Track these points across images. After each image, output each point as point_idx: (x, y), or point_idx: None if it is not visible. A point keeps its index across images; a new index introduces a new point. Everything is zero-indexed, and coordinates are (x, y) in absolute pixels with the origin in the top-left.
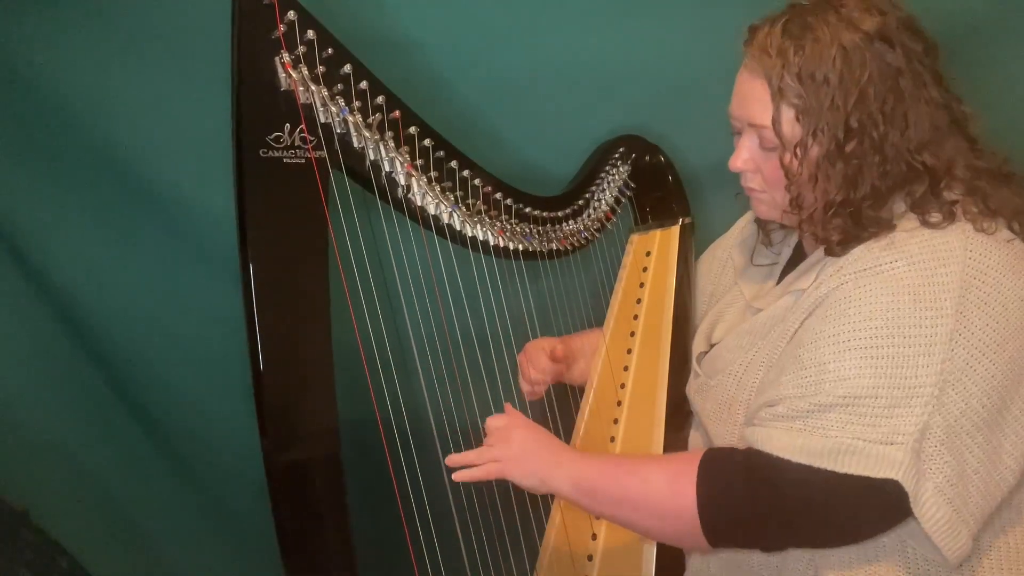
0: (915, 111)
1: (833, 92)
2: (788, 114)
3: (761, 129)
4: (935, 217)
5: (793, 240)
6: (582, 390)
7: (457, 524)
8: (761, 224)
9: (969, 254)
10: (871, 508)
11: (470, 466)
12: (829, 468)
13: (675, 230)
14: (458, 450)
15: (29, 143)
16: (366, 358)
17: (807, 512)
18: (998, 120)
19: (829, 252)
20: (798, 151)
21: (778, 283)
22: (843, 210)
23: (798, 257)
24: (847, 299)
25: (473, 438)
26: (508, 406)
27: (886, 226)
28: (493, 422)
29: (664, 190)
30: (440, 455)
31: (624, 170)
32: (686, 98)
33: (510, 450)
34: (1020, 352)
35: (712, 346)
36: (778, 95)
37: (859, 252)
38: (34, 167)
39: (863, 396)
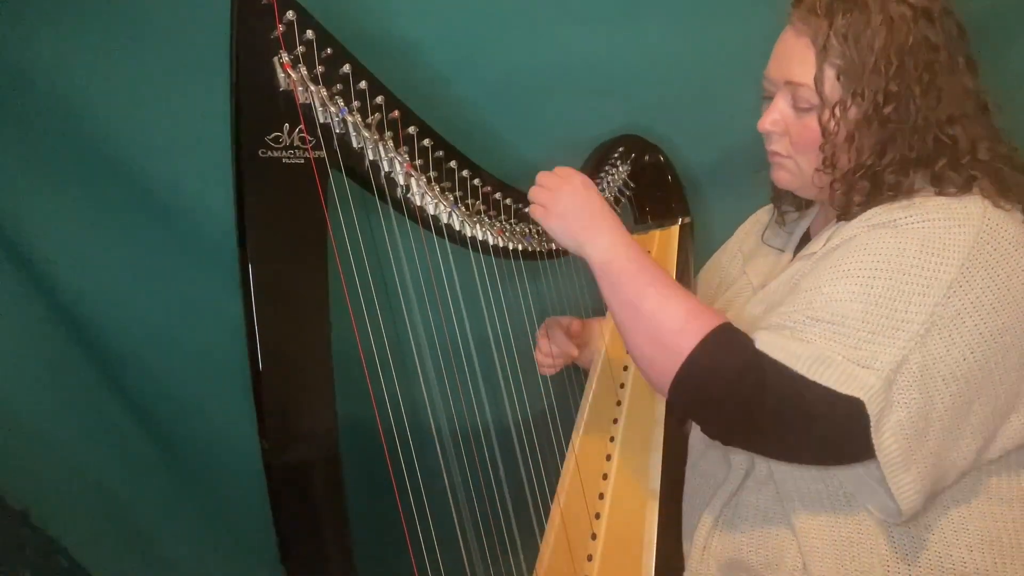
0: (949, 88)
1: (876, 56)
2: (830, 73)
3: (799, 87)
4: (952, 188)
5: (804, 224)
6: (582, 387)
7: (456, 524)
8: (777, 201)
9: (987, 221)
10: (828, 424)
11: None
12: (802, 372)
13: (674, 230)
14: (457, 451)
15: (28, 143)
16: (365, 358)
17: (770, 410)
18: (1001, 123)
19: (844, 215)
20: (837, 110)
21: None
22: (869, 173)
23: (805, 240)
24: (856, 244)
25: (472, 438)
26: (557, 168)
27: (903, 193)
28: (558, 170)
29: (663, 190)
30: (440, 455)
31: (623, 170)
32: (686, 98)
33: (557, 204)
34: (1013, 324)
35: None
36: (822, 53)
37: (873, 210)
38: (33, 167)
39: (851, 318)
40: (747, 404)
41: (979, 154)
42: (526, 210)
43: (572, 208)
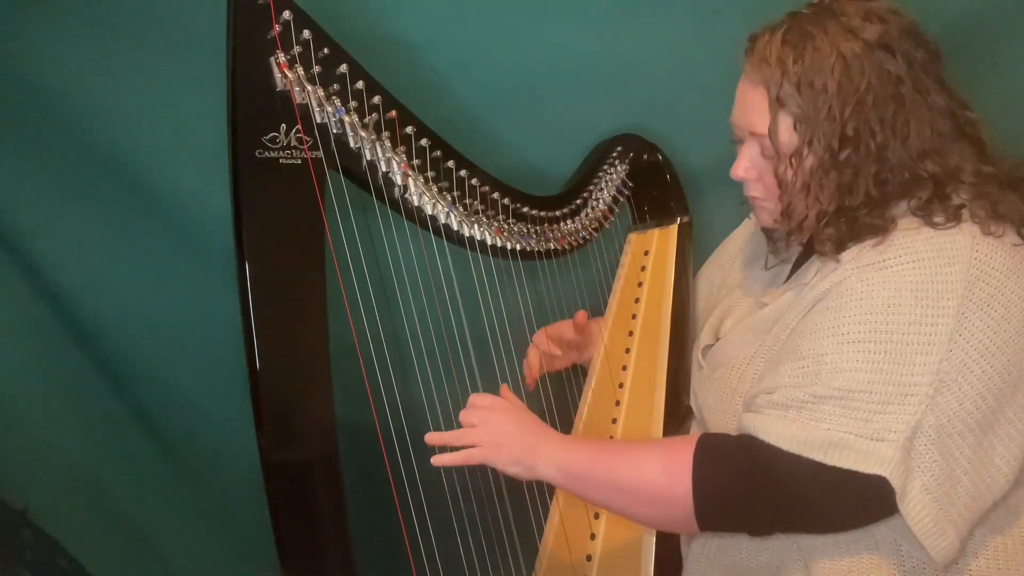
0: (917, 119)
1: (831, 100)
2: (786, 123)
3: (761, 138)
4: (939, 218)
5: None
6: (582, 387)
7: (455, 524)
8: (767, 233)
9: (975, 254)
10: (858, 501)
11: (450, 448)
12: (819, 460)
13: (673, 229)
14: (455, 450)
15: (26, 143)
16: (363, 358)
17: (797, 499)
18: (1002, 124)
19: (822, 255)
20: (793, 160)
21: (786, 280)
22: (837, 219)
23: (808, 254)
24: (849, 293)
25: None
26: (504, 388)
27: (883, 230)
28: (476, 400)
29: (662, 189)
30: (438, 454)
31: (622, 169)
32: (685, 98)
33: (489, 435)
34: (1018, 356)
35: (718, 340)
36: (776, 103)
37: (861, 249)
38: (31, 167)
39: (858, 391)
40: (770, 502)
41: (964, 178)
42: (524, 210)
43: (507, 433)
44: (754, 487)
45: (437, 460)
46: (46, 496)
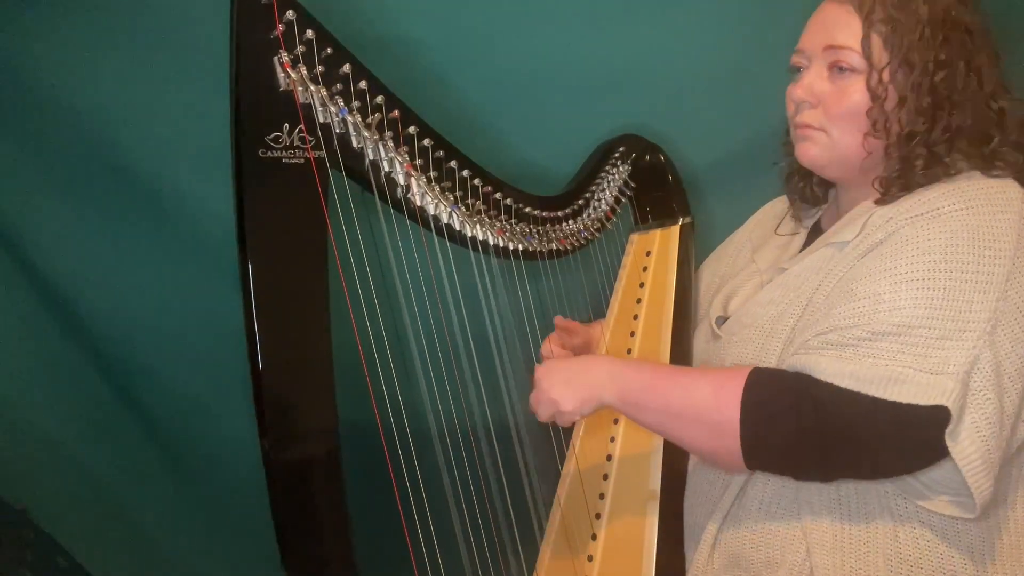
0: (988, 66)
1: (923, 26)
2: (876, 39)
3: (842, 51)
4: (1000, 170)
5: (816, 212)
6: None
7: (456, 524)
8: (793, 193)
9: None
10: (912, 439)
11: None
12: (878, 395)
13: (675, 230)
14: (456, 450)
15: (28, 144)
16: (365, 358)
17: (849, 438)
18: None
19: (888, 193)
20: (885, 74)
21: (802, 249)
22: (921, 142)
23: (816, 233)
24: (904, 240)
25: (473, 438)
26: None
27: (944, 173)
28: (536, 372)
29: (664, 190)
30: (439, 455)
31: (624, 170)
32: (686, 98)
33: (555, 389)
34: None
35: (728, 317)
36: (868, 19)
37: (913, 199)
38: (33, 168)
39: (916, 326)
40: (818, 440)
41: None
42: (527, 210)
43: (565, 378)
44: (803, 425)
45: (542, 417)
46: (46, 496)
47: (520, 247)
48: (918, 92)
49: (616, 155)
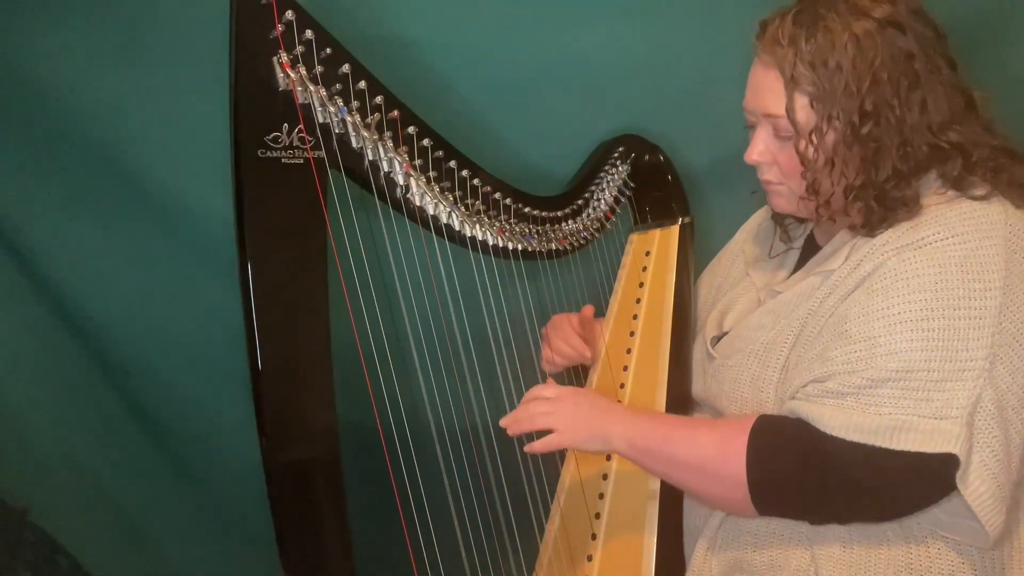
0: (933, 93)
1: (846, 77)
2: (802, 101)
3: (775, 119)
4: (980, 190)
5: (806, 231)
6: (583, 387)
7: (456, 524)
8: (778, 220)
9: (1010, 228)
10: (922, 483)
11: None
12: (884, 446)
13: (674, 230)
14: (456, 451)
15: (27, 143)
16: (365, 358)
17: (858, 488)
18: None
19: (854, 230)
20: (813, 137)
21: (793, 272)
22: (864, 193)
23: (810, 248)
24: (893, 274)
25: (472, 438)
26: (549, 380)
27: (913, 203)
28: (542, 392)
29: (664, 190)
30: (439, 455)
31: (624, 169)
32: (686, 98)
33: (565, 420)
34: None
35: (725, 333)
36: (791, 83)
37: (897, 230)
38: (33, 167)
39: (915, 370)
40: (830, 491)
41: (982, 151)
42: (526, 210)
43: (581, 414)
44: (811, 476)
45: (531, 448)
46: (46, 496)
47: (520, 247)
48: (847, 148)
49: (616, 155)
